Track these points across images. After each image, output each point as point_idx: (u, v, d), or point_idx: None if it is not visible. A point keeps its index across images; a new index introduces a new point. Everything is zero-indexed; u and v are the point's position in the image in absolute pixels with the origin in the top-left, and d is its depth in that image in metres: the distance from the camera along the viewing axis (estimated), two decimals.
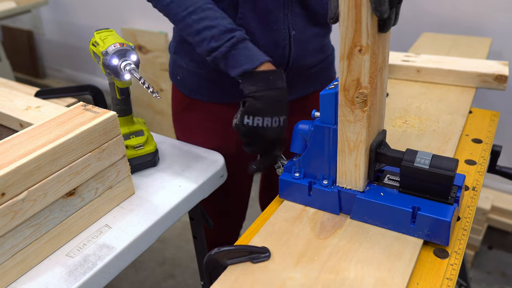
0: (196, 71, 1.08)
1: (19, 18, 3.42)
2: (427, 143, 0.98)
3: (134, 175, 0.98)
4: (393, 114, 1.11)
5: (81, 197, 0.80)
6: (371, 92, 0.68)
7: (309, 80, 1.13)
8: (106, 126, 0.81)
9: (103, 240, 0.81)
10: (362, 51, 0.65)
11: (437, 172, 0.71)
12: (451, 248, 0.72)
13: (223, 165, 1.04)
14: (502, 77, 1.18)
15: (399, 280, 0.66)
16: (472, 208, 0.81)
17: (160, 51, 2.66)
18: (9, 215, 0.69)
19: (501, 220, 2.02)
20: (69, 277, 0.73)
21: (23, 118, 1.05)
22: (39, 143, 0.74)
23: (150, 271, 2.06)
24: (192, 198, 0.95)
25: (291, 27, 1.00)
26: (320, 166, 0.79)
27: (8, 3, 2.67)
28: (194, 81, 1.09)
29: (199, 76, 1.08)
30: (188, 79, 1.10)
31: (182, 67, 1.11)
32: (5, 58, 2.92)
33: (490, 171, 1.15)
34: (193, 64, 1.08)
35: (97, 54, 0.94)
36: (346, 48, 0.66)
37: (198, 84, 1.09)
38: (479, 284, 1.90)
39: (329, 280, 0.67)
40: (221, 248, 0.70)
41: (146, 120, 3.00)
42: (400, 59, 1.30)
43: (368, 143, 0.74)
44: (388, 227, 0.75)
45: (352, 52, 0.66)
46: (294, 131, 0.82)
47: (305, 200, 0.82)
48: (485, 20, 1.79)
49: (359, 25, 0.63)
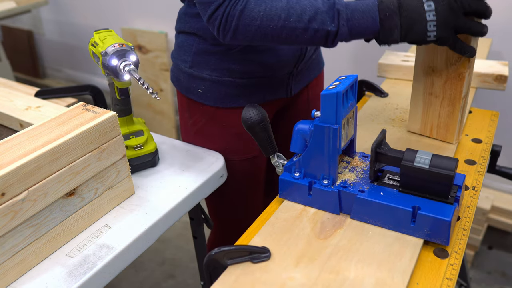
0: (220, 79, 1.06)
1: (19, 18, 3.42)
2: (427, 143, 0.98)
3: (134, 175, 0.98)
4: (393, 114, 1.11)
5: (81, 197, 0.80)
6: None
7: (311, 67, 1.18)
8: (106, 126, 0.81)
9: (103, 240, 0.81)
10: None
11: (437, 172, 0.71)
12: (451, 248, 0.72)
13: (223, 165, 1.04)
14: (502, 77, 1.18)
15: (399, 280, 0.66)
16: (472, 208, 0.81)
17: (160, 51, 2.66)
18: (9, 215, 0.69)
19: (501, 220, 2.02)
20: (69, 277, 0.73)
21: (23, 118, 1.05)
22: (39, 143, 0.74)
23: (150, 271, 2.06)
24: (192, 198, 0.95)
25: None
26: (320, 166, 0.79)
27: (8, 3, 2.67)
28: (218, 90, 1.07)
29: (223, 84, 1.07)
30: (214, 89, 1.07)
31: (204, 79, 1.07)
32: (5, 58, 2.91)
33: (490, 171, 1.15)
34: (216, 74, 1.06)
35: (97, 55, 0.93)
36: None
37: (222, 93, 1.07)
38: (479, 284, 1.90)
39: (330, 280, 0.66)
40: (221, 248, 0.70)
41: (146, 120, 3.00)
42: (400, 59, 1.30)
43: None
44: (388, 227, 0.75)
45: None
46: (294, 131, 0.82)
47: (305, 200, 0.82)
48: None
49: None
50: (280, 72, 1.08)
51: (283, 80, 1.10)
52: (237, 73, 1.05)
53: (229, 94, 1.07)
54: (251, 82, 1.07)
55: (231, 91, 1.07)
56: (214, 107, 1.09)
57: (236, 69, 1.05)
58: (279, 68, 1.07)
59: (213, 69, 1.05)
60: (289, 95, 1.13)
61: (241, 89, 1.07)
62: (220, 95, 1.08)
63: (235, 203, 1.24)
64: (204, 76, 1.07)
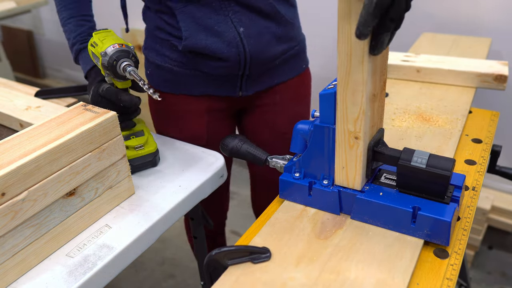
0: (163, 65, 1.12)
1: (19, 18, 3.42)
2: (427, 143, 0.98)
3: (134, 175, 0.98)
4: (393, 114, 1.11)
5: (81, 197, 0.80)
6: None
7: (274, 72, 1.16)
8: (106, 126, 0.81)
9: (103, 240, 0.81)
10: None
11: (433, 172, 0.71)
12: (451, 248, 0.72)
13: (223, 165, 1.04)
14: (502, 77, 1.18)
15: (400, 280, 0.66)
16: (472, 208, 0.81)
17: None
18: (9, 215, 0.69)
19: (501, 220, 2.02)
20: (69, 277, 0.73)
21: (23, 118, 1.05)
22: (39, 143, 0.74)
23: (150, 271, 2.06)
24: (192, 198, 0.95)
25: (237, 24, 1.03)
26: (320, 166, 0.79)
27: (8, 3, 2.67)
28: (159, 74, 1.14)
29: (165, 69, 1.12)
30: (158, 72, 1.14)
31: (150, 62, 1.15)
32: (5, 58, 2.91)
33: (490, 171, 1.15)
34: (159, 59, 1.12)
35: (96, 55, 0.93)
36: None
37: (162, 78, 1.14)
38: (479, 284, 1.91)
39: (330, 281, 0.66)
40: (222, 249, 0.70)
41: (146, 120, 2.99)
42: (400, 59, 1.30)
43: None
44: (388, 227, 0.75)
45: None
46: (294, 131, 0.82)
47: (306, 200, 0.82)
48: (485, 20, 1.79)
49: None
50: (220, 72, 1.09)
51: (229, 80, 1.11)
52: (175, 61, 1.10)
53: (169, 80, 1.13)
54: (190, 73, 1.10)
55: (171, 78, 1.12)
56: (157, 89, 1.16)
57: (174, 58, 1.09)
58: (216, 68, 1.08)
59: (156, 53, 1.13)
60: (239, 95, 1.14)
61: (180, 77, 1.12)
62: (161, 80, 1.15)
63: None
64: (149, 59, 1.16)
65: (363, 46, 0.64)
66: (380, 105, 0.76)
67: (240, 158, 0.91)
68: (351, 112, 0.70)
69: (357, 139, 0.72)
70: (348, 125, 0.72)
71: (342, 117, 0.72)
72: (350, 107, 0.70)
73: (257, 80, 1.14)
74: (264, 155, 0.89)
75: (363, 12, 0.58)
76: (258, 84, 1.15)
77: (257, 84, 1.15)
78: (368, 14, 0.57)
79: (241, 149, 0.90)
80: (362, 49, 0.64)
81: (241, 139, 0.91)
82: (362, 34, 0.59)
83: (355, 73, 0.67)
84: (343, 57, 0.67)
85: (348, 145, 0.73)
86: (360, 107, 0.69)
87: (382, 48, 0.64)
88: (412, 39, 1.75)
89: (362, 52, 0.65)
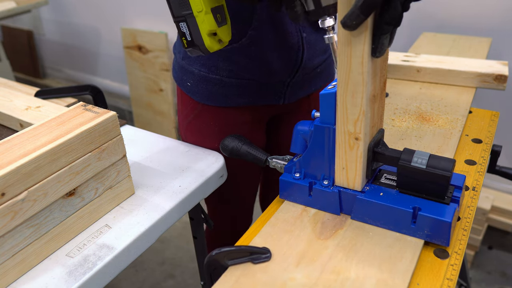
0: (208, 76, 1.05)
1: (19, 18, 3.42)
2: (427, 143, 0.98)
3: (134, 175, 0.98)
4: (393, 114, 1.11)
5: (81, 197, 0.80)
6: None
7: (314, 79, 1.15)
8: (106, 126, 0.81)
9: (103, 240, 0.81)
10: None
11: (433, 172, 0.71)
12: (451, 248, 0.72)
13: (223, 165, 1.04)
14: (502, 77, 1.18)
15: (400, 280, 0.66)
16: (472, 208, 0.81)
17: (160, 51, 2.66)
18: (9, 215, 0.69)
19: (501, 220, 2.02)
20: (69, 277, 0.73)
21: (23, 118, 1.05)
22: (39, 143, 0.74)
23: (150, 271, 2.06)
24: (192, 198, 0.95)
25: (302, 29, 1.02)
26: (321, 166, 0.79)
27: (8, 3, 2.67)
28: (205, 87, 1.07)
29: (211, 81, 1.06)
30: (202, 84, 1.07)
31: (193, 73, 1.07)
32: (5, 58, 2.91)
33: (490, 171, 1.15)
34: (204, 69, 1.05)
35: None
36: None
37: (209, 90, 1.07)
38: (479, 284, 1.91)
39: (330, 281, 0.66)
40: (222, 249, 0.70)
41: (146, 120, 2.99)
42: (400, 59, 1.30)
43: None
44: (388, 228, 0.75)
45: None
46: (294, 131, 0.82)
47: (306, 200, 0.82)
48: (485, 20, 1.79)
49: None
50: (272, 79, 1.06)
51: (276, 87, 1.08)
52: (224, 71, 1.04)
53: (216, 93, 1.06)
54: (239, 83, 1.05)
55: (218, 90, 1.06)
56: (201, 103, 1.09)
57: (224, 67, 1.03)
58: (269, 74, 1.05)
59: (202, 64, 1.05)
60: (282, 102, 1.12)
61: (228, 88, 1.06)
62: (206, 92, 1.07)
63: (230, 201, 1.24)
64: (193, 70, 1.06)
65: (363, 47, 0.64)
66: (380, 105, 0.76)
67: (240, 159, 0.92)
68: (351, 113, 0.70)
69: (357, 140, 0.72)
70: (348, 126, 0.72)
71: (342, 118, 0.72)
72: (350, 108, 0.70)
73: (300, 87, 1.12)
74: (264, 155, 0.89)
75: (352, 5, 0.59)
76: (300, 92, 1.13)
77: (300, 92, 1.13)
78: (355, 7, 0.58)
79: (241, 150, 0.91)
80: (362, 50, 0.64)
81: (241, 140, 0.91)
82: (345, 25, 0.60)
83: (355, 74, 0.67)
84: (343, 58, 0.67)
85: (348, 146, 0.73)
86: (360, 108, 0.69)
87: (383, 50, 0.64)
88: (412, 39, 1.75)
89: (362, 53, 0.65)
